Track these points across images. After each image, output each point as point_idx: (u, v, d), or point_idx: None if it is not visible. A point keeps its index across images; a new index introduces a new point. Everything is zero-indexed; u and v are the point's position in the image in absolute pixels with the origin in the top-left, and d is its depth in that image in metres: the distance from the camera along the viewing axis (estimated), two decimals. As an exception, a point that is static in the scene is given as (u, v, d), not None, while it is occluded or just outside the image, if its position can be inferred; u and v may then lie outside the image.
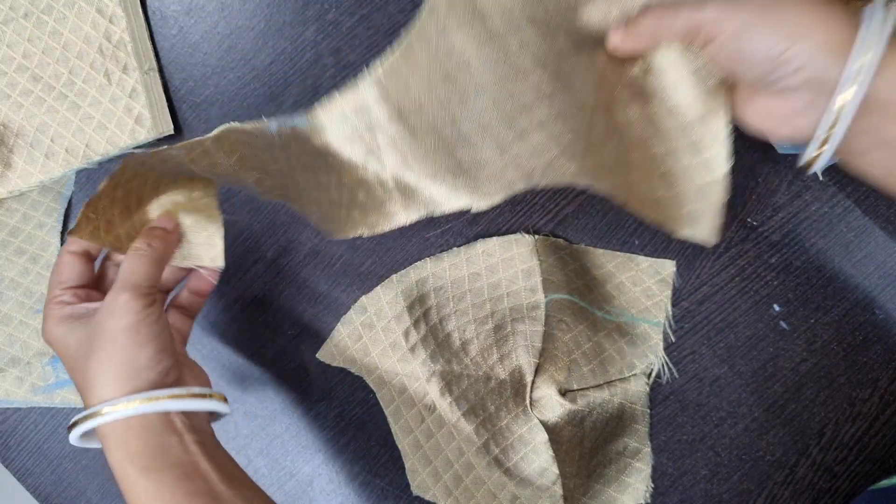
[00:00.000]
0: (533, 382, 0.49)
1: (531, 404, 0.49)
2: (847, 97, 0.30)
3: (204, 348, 0.54)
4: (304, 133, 0.39)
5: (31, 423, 0.53)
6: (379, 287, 0.51)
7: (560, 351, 0.49)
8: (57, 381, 0.52)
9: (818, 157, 0.33)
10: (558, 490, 0.47)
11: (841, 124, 0.31)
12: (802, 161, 0.34)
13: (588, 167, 0.39)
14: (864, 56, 0.30)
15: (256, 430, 0.54)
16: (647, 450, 0.51)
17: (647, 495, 0.51)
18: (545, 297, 0.49)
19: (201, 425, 0.39)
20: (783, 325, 0.52)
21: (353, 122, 0.38)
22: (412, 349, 0.49)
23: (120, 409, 0.36)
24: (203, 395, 0.39)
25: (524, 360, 0.49)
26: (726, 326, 0.52)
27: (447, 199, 0.39)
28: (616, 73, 0.39)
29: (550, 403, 0.49)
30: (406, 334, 0.49)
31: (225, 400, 0.41)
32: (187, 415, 0.38)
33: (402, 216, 0.40)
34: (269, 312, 0.53)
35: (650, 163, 0.40)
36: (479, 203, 0.39)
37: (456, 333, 0.50)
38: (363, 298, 0.51)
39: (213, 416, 0.42)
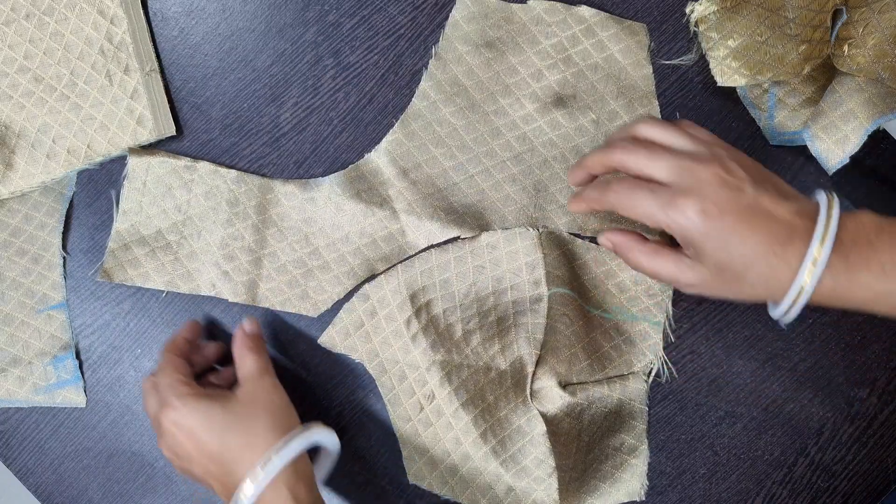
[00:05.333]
0: (534, 374, 0.49)
1: (531, 395, 0.49)
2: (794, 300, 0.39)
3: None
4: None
5: (33, 423, 0.53)
6: (382, 275, 0.51)
7: (561, 343, 0.49)
8: (58, 381, 0.53)
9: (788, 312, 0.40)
10: (554, 483, 0.47)
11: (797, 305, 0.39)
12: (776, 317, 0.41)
13: (548, 212, 0.52)
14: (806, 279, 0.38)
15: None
16: (644, 447, 0.51)
17: (642, 492, 0.51)
18: (548, 290, 0.50)
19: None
20: (781, 325, 0.52)
21: (369, 180, 0.52)
22: (413, 338, 0.49)
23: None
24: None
25: (525, 350, 0.49)
26: (725, 326, 0.52)
27: (441, 231, 0.51)
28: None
29: (550, 395, 0.49)
30: (408, 323, 0.50)
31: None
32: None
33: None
34: (269, 310, 0.54)
35: None
36: (465, 235, 0.51)
37: (459, 325, 0.50)
38: (366, 286, 0.51)
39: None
